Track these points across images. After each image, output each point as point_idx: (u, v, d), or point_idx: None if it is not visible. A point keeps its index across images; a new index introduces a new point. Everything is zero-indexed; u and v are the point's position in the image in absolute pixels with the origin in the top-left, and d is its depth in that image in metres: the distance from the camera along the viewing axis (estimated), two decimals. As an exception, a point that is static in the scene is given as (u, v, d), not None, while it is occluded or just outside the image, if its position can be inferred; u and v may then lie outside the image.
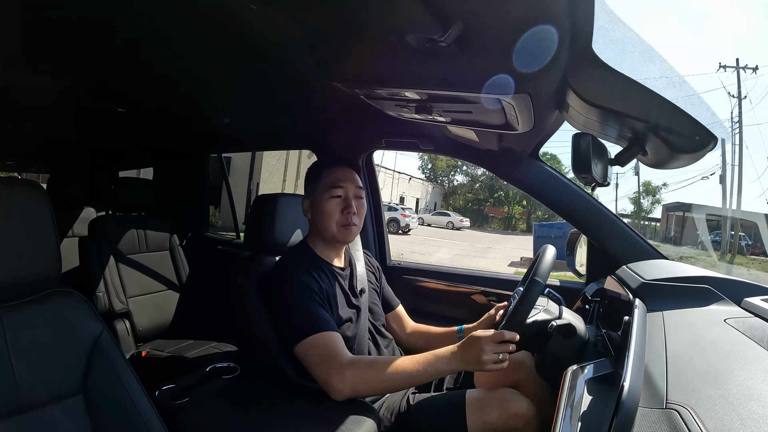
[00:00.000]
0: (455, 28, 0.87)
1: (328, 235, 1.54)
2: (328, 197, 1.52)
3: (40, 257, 1.02)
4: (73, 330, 1.05)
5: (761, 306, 1.08)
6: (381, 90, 1.34)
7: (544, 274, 1.29)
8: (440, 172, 43.91)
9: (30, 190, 1.01)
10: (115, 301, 2.60)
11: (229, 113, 2.34)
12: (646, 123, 1.03)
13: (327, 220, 1.52)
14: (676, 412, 0.68)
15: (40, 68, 1.56)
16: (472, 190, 43.74)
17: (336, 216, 1.52)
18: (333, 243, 1.59)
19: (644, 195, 37.12)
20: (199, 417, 1.37)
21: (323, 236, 1.57)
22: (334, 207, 1.52)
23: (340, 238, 1.55)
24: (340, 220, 1.52)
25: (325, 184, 1.53)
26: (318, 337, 1.35)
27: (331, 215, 1.52)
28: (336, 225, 1.52)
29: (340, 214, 1.52)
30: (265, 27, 1.15)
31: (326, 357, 1.32)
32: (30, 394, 0.96)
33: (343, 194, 1.53)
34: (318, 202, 1.53)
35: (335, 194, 1.52)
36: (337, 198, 1.52)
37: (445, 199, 43.40)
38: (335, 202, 1.52)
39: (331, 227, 1.52)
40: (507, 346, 1.19)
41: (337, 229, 1.52)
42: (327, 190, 1.52)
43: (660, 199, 37.86)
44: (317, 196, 1.54)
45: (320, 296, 1.44)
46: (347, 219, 1.52)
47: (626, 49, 0.88)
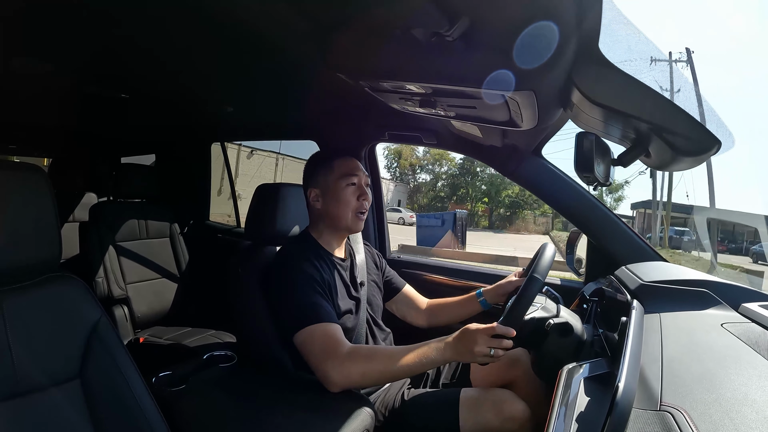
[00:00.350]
0: (462, 23, 0.87)
1: (342, 223, 1.57)
2: (345, 185, 1.55)
3: (41, 242, 1.02)
4: (72, 315, 1.05)
5: (759, 312, 1.08)
6: (385, 83, 1.34)
7: (544, 271, 1.29)
8: (406, 170, 43.85)
9: (32, 175, 1.01)
10: (114, 287, 2.61)
11: (232, 102, 2.33)
12: (650, 124, 1.02)
13: (344, 207, 1.55)
14: (670, 415, 0.69)
15: (44, 55, 1.56)
16: (434, 188, 43.82)
17: (353, 203, 1.55)
18: (342, 232, 1.61)
19: (607, 192, 37.21)
20: (196, 404, 1.37)
21: (336, 225, 1.58)
22: (351, 194, 1.55)
23: (353, 227, 1.58)
24: (355, 206, 1.55)
25: (341, 173, 1.55)
26: (318, 327, 1.35)
27: (349, 203, 1.55)
28: (352, 213, 1.55)
29: (356, 201, 1.55)
30: (270, 17, 1.14)
31: (325, 347, 1.32)
32: (27, 378, 0.97)
33: (358, 182, 1.57)
34: (334, 191, 1.55)
35: (351, 182, 1.55)
36: (352, 186, 1.55)
37: (410, 197, 43.38)
38: (351, 190, 1.55)
39: (347, 215, 1.55)
40: (501, 340, 1.19)
41: (351, 216, 1.56)
42: (343, 178, 1.55)
43: (622, 197, 38.21)
44: (331, 185, 1.56)
45: (322, 286, 1.44)
46: (362, 206, 1.56)
47: (632, 49, 0.88)
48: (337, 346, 1.32)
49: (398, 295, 1.87)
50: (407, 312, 1.86)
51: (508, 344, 1.19)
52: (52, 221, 1.03)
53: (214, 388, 1.43)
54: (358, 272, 1.66)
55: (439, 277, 2.33)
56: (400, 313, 1.88)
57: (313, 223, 1.64)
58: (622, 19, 0.78)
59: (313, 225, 1.64)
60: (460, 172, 41.27)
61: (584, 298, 1.59)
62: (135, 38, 1.39)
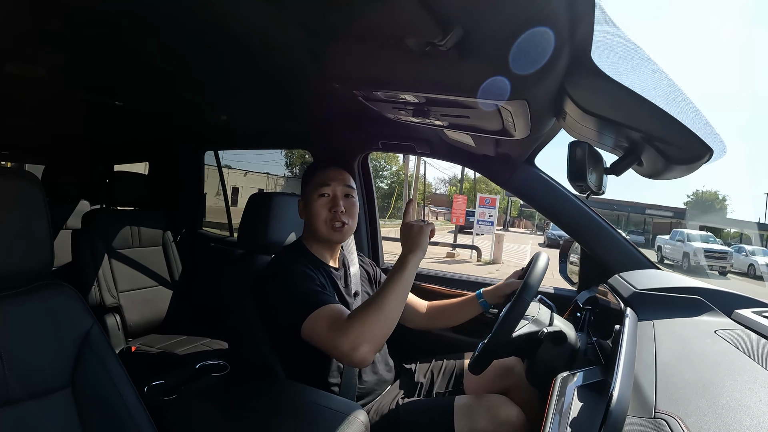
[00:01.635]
0: (455, 33, 0.87)
1: (319, 235, 1.55)
2: (316, 197, 1.54)
3: (33, 249, 1.01)
4: (63, 323, 1.04)
5: (751, 318, 1.08)
6: (379, 92, 1.34)
7: (536, 281, 1.30)
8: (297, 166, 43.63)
9: (25, 181, 1.01)
10: (106, 295, 2.60)
11: (226, 111, 2.33)
12: (643, 133, 1.03)
13: (316, 220, 1.54)
14: (665, 422, 0.68)
15: (38, 60, 1.55)
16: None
17: (324, 215, 1.53)
18: (326, 243, 1.60)
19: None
20: (188, 414, 1.36)
21: (316, 236, 1.57)
22: (322, 206, 1.53)
23: (330, 237, 1.55)
24: (327, 218, 1.53)
25: (314, 183, 1.55)
26: (321, 310, 1.32)
27: (319, 215, 1.53)
28: (325, 224, 1.53)
29: (328, 213, 1.53)
30: (264, 27, 1.15)
31: (333, 325, 1.28)
32: (18, 386, 0.95)
33: (331, 192, 1.54)
34: (309, 203, 1.55)
35: (322, 192, 1.54)
36: (324, 197, 1.54)
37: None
38: (323, 202, 1.54)
39: (321, 227, 1.54)
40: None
41: (326, 228, 1.54)
42: (315, 190, 1.54)
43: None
44: (308, 197, 1.56)
45: (316, 281, 1.43)
46: (335, 217, 1.53)
47: (624, 59, 0.89)
48: (339, 319, 1.29)
49: None
50: (406, 316, 1.84)
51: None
52: (45, 228, 1.03)
53: (207, 397, 1.42)
54: (352, 282, 1.66)
55: (434, 286, 2.33)
56: (401, 318, 1.86)
57: (305, 233, 1.64)
58: (614, 29, 0.79)
59: (305, 235, 1.64)
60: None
61: (578, 306, 1.59)
62: (130, 46, 1.39)
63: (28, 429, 0.96)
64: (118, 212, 2.90)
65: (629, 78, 0.88)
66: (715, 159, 1.00)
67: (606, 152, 1.27)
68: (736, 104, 48.40)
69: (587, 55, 0.85)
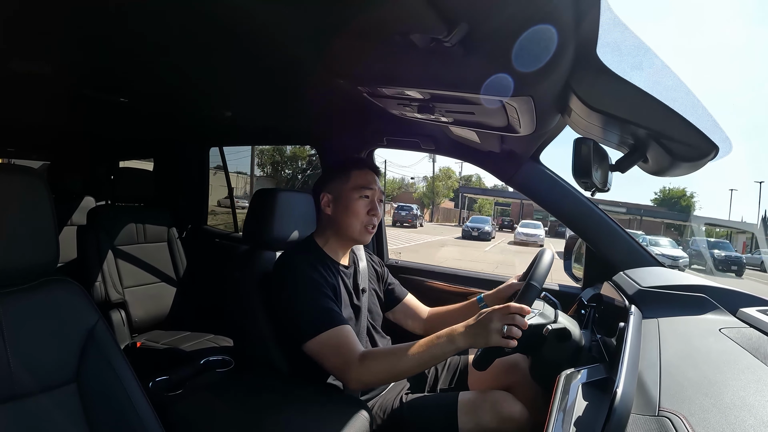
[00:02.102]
0: (460, 29, 0.87)
1: (349, 233, 1.57)
2: (357, 197, 1.56)
3: (38, 245, 1.02)
4: (69, 319, 1.05)
5: (756, 317, 1.08)
6: (384, 88, 1.34)
7: (541, 278, 1.29)
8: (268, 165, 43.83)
9: (30, 178, 1.01)
10: (111, 291, 2.61)
11: (230, 107, 2.33)
12: (648, 130, 1.03)
13: (353, 218, 1.55)
14: (668, 420, 0.68)
15: (43, 57, 1.56)
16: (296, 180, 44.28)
17: (362, 216, 1.56)
18: (348, 242, 1.62)
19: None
20: (192, 409, 1.37)
21: (343, 234, 1.58)
22: (362, 207, 1.56)
23: (359, 238, 1.58)
24: (365, 220, 1.56)
25: (356, 183, 1.57)
26: (332, 332, 1.35)
27: (359, 215, 1.56)
28: (360, 225, 1.56)
29: (366, 215, 1.56)
30: (269, 22, 1.14)
31: (341, 352, 1.33)
32: (24, 381, 0.96)
33: (371, 196, 1.58)
34: (346, 200, 1.56)
35: (364, 194, 1.57)
36: (365, 199, 1.57)
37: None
38: (363, 203, 1.56)
39: (356, 226, 1.56)
40: (514, 317, 1.17)
41: (359, 229, 1.56)
42: (357, 190, 1.56)
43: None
44: (344, 194, 1.57)
45: (328, 290, 1.45)
46: (371, 220, 1.57)
47: (630, 56, 0.88)
48: (351, 349, 1.33)
49: (399, 305, 1.86)
50: (406, 321, 1.85)
51: (522, 323, 1.16)
52: (50, 225, 1.03)
53: (211, 393, 1.43)
54: (360, 279, 1.66)
55: (438, 282, 2.33)
56: (400, 322, 1.87)
57: (321, 228, 1.64)
58: (619, 25, 0.79)
59: (319, 231, 1.64)
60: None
61: (582, 303, 1.59)
62: (134, 42, 1.39)
63: (33, 423, 0.97)
64: (123, 208, 2.90)
65: (634, 74, 0.88)
66: (720, 156, 1.00)
67: (611, 149, 1.27)
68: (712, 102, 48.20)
69: (592, 52, 0.84)
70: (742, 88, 61.47)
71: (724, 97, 70.95)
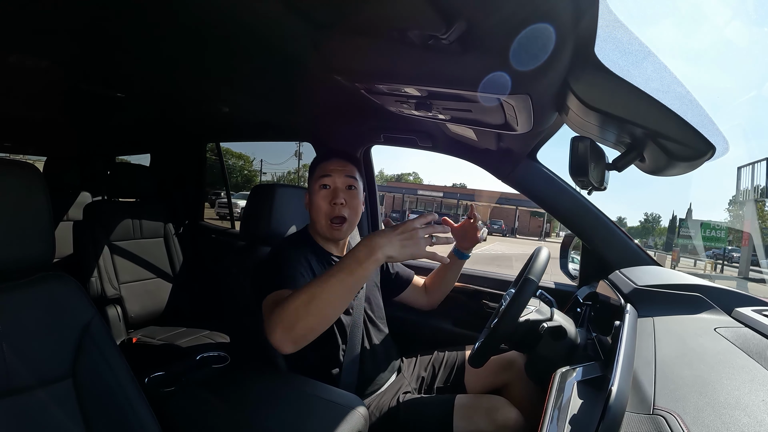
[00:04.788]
0: (458, 26, 0.87)
1: (318, 229, 1.52)
2: (317, 188, 1.49)
3: (34, 240, 1.02)
4: (64, 314, 1.05)
5: (751, 316, 1.09)
6: (381, 85, 1.34)
7: (538, 273, 1.29)
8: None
9: (26, 173, 1.01)
10: (107, 286, 2.60)
11: (227, 102, 2.33)
12: (645, 129, 1.03)
13: (317, 213, 1.49)
14: (663, 419, 0.69)
15: (40, 52, 1.55)
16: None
17: (324, 208, 1.48)
18: (326, 237, 1.56)
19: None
20: (188, 405, 1.37)
21: (317, 231, 1.54)
22: (323, 198, 1.49)
23: (329, 234, 1.51)
24: (327, 211, 1.48)
25: (317, 174, 1.51)
26: (276, 293, 1.24)
27: (320, 207, 1.48)
28: (325, 219, 1.49)
29: (329, 206, 1.48)
30: (266, 18, 1.14)
31: (272, 306, 1.18)
32: (19, 376, 0.96)
33: (331, 184, 1.50)
34: (311, 194, 1.52)
35: (323, 183, 1.49)
36: (325, 189, 1.49)
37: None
38: (324, 194, 1.49)
39: (321, 221, 1.49)
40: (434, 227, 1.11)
41: (326, 223, 1.49)
42: (317, 181, 1.50)
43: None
44: (311, 188, 1.53)
45: (299, 268, 1.37)
46: (334, 211, 1.47)
47: (628, 54, 0.88)
48: (278, 302, 1.16)
49: (409, 287, 1.88)
50: (416, 300, 1.89)
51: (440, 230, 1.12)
52: (46, 220, 1.03)
53: (207, 388, 1.43)
54: None
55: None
56: (411, 302, 1.91)
57: (311, 223, 1.61)
58: (617, 23, 0.79)
59: (311, 224, 1.61)
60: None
61: (578, 301, 1.59)
62: (131, 37, 1.38)
63: (29, 418, 0.97)
64: (119, 204, 2.90)
65: (632, 73, 0.88)
66: (717, 156, 1.00)
67: (608, 148, 1.27)
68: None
69: (590, 50, 0.84)
70: (740, 88, 61.55)
71: (722, 97, 71.30)
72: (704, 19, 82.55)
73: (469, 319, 2.12)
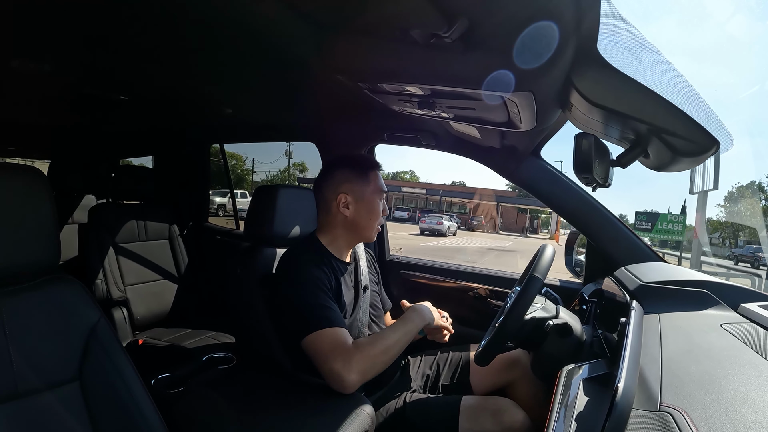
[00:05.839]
0: (460, 24, 0.86)
1: (367, 233, 1.61)
2: (378, 200, 1.60)
3: (39, 243, 1.02)
4: (71, 317, 1.05)
5: (758, 312, 1.08)
6: (384, 84, 1.34)
7: (543, 271, 1.29)
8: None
9: (31, 176, 1.01)
10: (113, 288, 2.61)
11: (231, 103, 2.33)
12: (649, 125, 1.02)
13: (374, 220, 1.60)
14: (670, 416, 0.68)
15: (43, 55, 1.55)
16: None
17: (379, 217, 1.62)
18: (358, 240, 1.65)
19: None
20: (195, 406, 1.37)
21: (359, 233, 1.60)
22: (380, 209, 1.61)
23: (371, 237, 1.63)
24: (380, 220, 1.63)
25: (377, 186, 1.60)
26: (330, 331, 1.33)
27: (379, 216, 1.61)
28: (377, 225, 1.62)
29: (381, 215, 1.62)
30: (268, 19, 1.14)
31: (334, 348, 1.30)
32: (26, 380, 0.96)
33: (385, 198, 1.64)
34: (369, 203, 1.58)
35: (383, 197, 1.63)
36: (383, 201, 1.62)
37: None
38: (382, 205, 1.62)
39: (374, 226, 1.61)
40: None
41: (375, 229, 1.63)
42: (379, 193, 1.60)
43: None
44: (367, 196, 1.58)
45: (330, 290, 1.44)
46: (382, 220, 1.64)
47: (631, 51, 0.88)
48: (345, 345, 1.31)
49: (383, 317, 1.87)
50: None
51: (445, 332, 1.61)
52: (51, 223, 1.03)
53: (213, 390, 1.43)
54: (362, 277, 1.66)
55: (438, 277, 2.33)
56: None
57: (329, 227, 1.61)
58: (620, 20, 0.78)
59: (326, 229, 1.61)
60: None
61: (583, 299, 1.59)
62: (135, 40, 1.39)
63: (37, 421, 0.97)
64: (124, 206, 2.90)
65: (636, 69, 0.87)
66: (722, 151, 1.00)
67: (612, 144, 1.26)
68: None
69: (593, 47, 0.84)
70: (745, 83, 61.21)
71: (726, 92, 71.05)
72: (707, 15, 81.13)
73: (473, 318, 2.12)
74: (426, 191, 46.54)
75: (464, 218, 41.92)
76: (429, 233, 26.23)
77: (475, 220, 40.26)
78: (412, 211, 40.34)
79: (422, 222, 27.49)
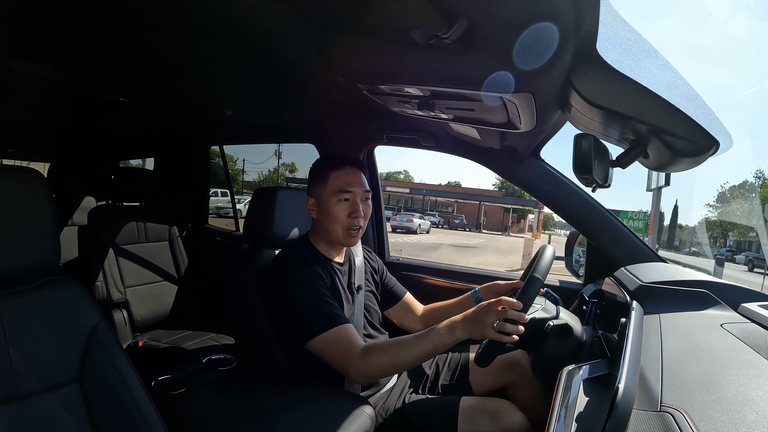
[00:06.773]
0: (460, 26, 0.86)
1: (332, 237, 1.53)
2: (336, 201, 1.50)
3: (39, 245, 1.02)
4: (71, 319, 1.05)
5: (758, 312, 1.08)
6: (383, 85, 1.34)
7: (543, 271, 1.29)
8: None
9: (30, 178, 1.01)
10: (113, 290, 2.61)
11: (231, 105, 2.33)
12: (649, 126, 1.02)
13: (334, 224, 1.51)
14: (670, 416, 0.68)
15: (42, 57, 1.55)
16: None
17: (343, 220, 1.50)
18: (335, 244, 1.58)
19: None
20: (195, 408, 1.37)
21: (328, 238, 1.55)
22: (342, 211, 1.50)
23: (344, 242, 1.54)
24: (346, 224, 1.51)
25: (334, 187, 1.51)
26: (334, 331, 1.34)
27: (339, 219, 1.50)
28: (342, 229, 1.51)
29: (347, 218, 1.50)
30: (268, 20, 1.14)
31: (343, 349, 1.33)
32: (27, 381, 0.96)
33: (351, 198, 1.51)
34: (326, 205, 1.51)
35: (343, 197, 1.50)
36: (345, 202, 1.50)
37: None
38: (343, 206, 1.50)
39: (337, 231, 1.51)
40: (506, 311, 1.16)
41: (342, 233, 1.51)
42: (335, 194, 1.50)
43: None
44: (324, 199, 1.52)
45: (327, 290, 1.44)
46: (354, 223, 1.51)
47: (630, 51, 0.88)
48: (353, 347, 1.33)
49: (399, 304, 1.86)
50: (405, 319, 1.85)
51: (516, 316, 1.15)
52: (51, 225, 1.03)
53: (214, 391, 1.43)
54: (355, 277, 1.65)
55: (438, 279, 2.33)
56: (398, 320, 1.87)
57: (313, 229, 1.61)
58: (620, 21, 0.78)
59: (312, 231, 1.61)
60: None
61: (584, 299, 1.59)
62: (134, 41, 1.39)
63: (37, 423, 0.97)
64: (123, 208, 2.90)
65: (635, 70, 0.87)
66: (721, 152, 1.00)
67: (612, 145, 1.26)
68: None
69: (593, 48, 0.84)
70: (745, 83, 61.31)
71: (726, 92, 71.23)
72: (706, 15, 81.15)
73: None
74: (410, 191, 47.00)
75: (447, 217, 42.49)
76: (400, 230, 27.12)
77: (456, 219, 40.91)
78: (397, 210, 40.69)
79: (393, 220, 27.91)
